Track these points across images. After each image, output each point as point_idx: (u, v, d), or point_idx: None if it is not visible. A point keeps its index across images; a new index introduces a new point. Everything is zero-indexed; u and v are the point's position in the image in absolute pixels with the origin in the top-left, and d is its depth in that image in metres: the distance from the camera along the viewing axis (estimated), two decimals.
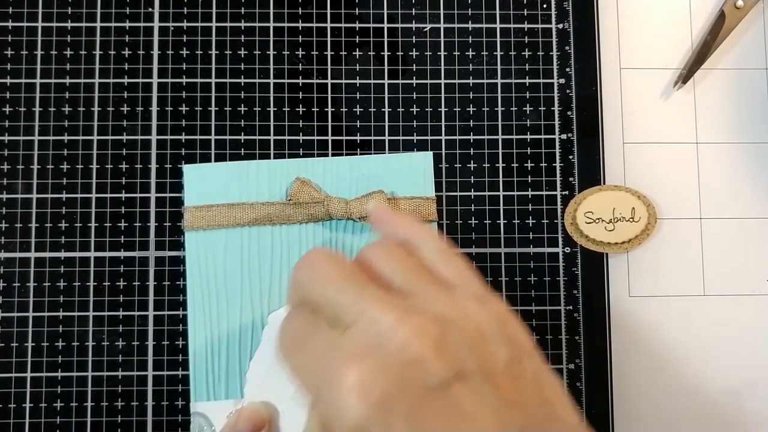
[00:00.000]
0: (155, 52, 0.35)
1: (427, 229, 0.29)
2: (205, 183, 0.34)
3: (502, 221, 0.35)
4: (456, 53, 0.36)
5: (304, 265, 0.25)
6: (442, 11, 0.36)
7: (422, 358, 0.22)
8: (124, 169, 0.34)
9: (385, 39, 0.36)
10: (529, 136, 0.35)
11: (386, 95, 0.35)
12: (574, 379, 0.34)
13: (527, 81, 0.35)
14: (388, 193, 0.34)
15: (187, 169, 0.34)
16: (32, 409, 0.33)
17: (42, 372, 0.33)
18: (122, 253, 0.34)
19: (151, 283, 0.34)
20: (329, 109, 0.35)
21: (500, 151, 0.35)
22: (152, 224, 0.34)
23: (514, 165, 0.35)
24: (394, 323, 0.22)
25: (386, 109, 0.35)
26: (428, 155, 0.35)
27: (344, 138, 0.35)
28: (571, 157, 0.35)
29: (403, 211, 0.34)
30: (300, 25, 0.36)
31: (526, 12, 0.36)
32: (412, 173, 0.34)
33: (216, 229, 0.33)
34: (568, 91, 0.35)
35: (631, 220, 0.34)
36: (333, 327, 0.23)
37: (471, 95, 0.35)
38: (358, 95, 0.35)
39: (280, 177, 0.34)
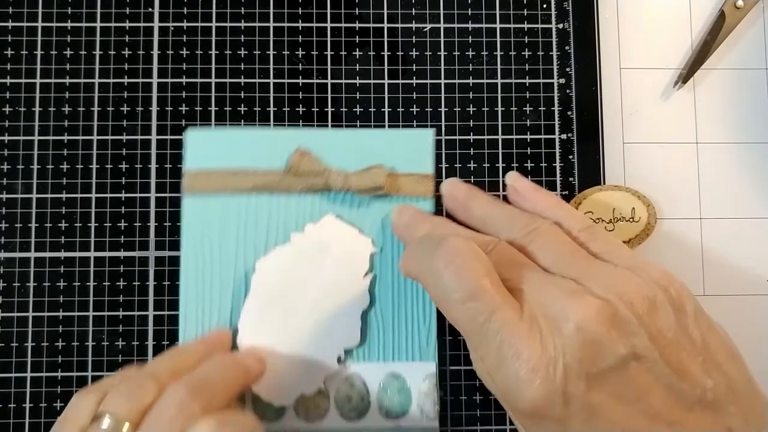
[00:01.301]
0: (155, 52, 0.35)
1: (568, 205, 0.30)
2: (206, 148, 0.34)
3: None
4: (456, 53, 0.36)
5: (450, 261, 0.24)
6: (442, 11, 0.36)
7: (599, 338, 0.22)
8: (124, 169, 0.34)
9: (385, 39, 0.36)
10: (529, 136, 0.35)
11: (386, 95, 0.35)
12: None
13: (527, 81, 0.35)
14: (388, 168, 0.34)
15: (190, 133, 0.34)
16: (32, 409, 0.33)
17: (42, 372, 0.33)
18: (122, 253, 0.34)
19: (151, 283, 0.34)
20: (329, 109, 0.35)
21: (500, 151, 0.35)
22: (152, 224, 0.34)
23: (514, 165, 0.35)
24: (566, 306, 0.23)
25: (386, 109, 0.35)
26: (429, 133, 0.35)
27: None
28: (571, 157, 0.35)
29: (542, 188, 0.32)
30: (300, 25, 0.35)
31: (526, 12, 0.36)
32: (412, 150, 0.34)
33: (214, 194, 0.33)
34: (568, 91, 0.35)
35: (631, 220, 0.34)
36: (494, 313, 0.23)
37: (471, 95, 0.35)
38: (358, 95, 0.35)
39: (281, 147, 0.34)
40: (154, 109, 0.35)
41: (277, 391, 0.32)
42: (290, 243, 0.33)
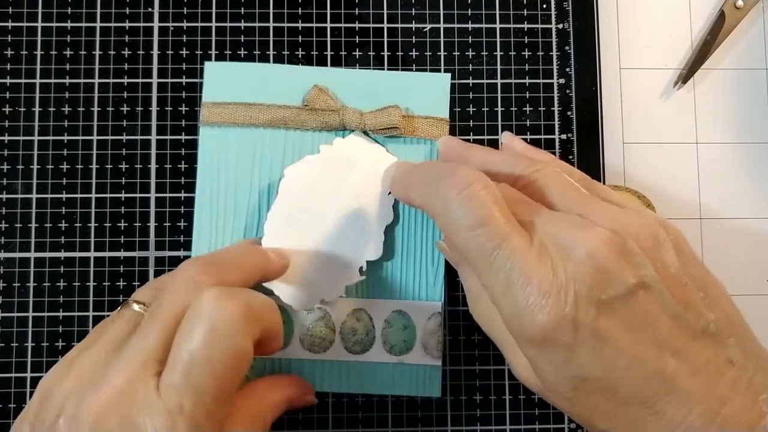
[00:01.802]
0: (155, 52, 0.35)
1: (564, 162, 0.31)
2: (224, 81, 0.34)
3: None
4: (456, 53, 0.36)
5: (460, 190, 0.24)
6: (442, 11, 0.36)
7: (609, 266, 0.23)
8: (124, 169, 0.34)
9: (385, 39, 0.36)
10: (529, 136, 0.35)
11: None
12: None
13: (527, 81, 0.35)
14: (403, 109, 0.34)
15: (208, 65, 0.34)
16: None
17: (42, 372, 0.33)
18: (122, 253, 0.34)
19: None
20: None
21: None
22: (152, 224, 0.34)
23: None
24: (576, 235, 0.23)
25: None
26: (446, 77, 0.35)
27: None
28: (571, 157, 0.35)
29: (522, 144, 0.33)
30: (300, 25, 0.35)
31: (526, 12, 0.36)
32: (428, 93, 0.34)
33: (231, 126, 0.34)
34: (568, 91, 0.35)
35: None
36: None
37: (471, 95, 0.35)
38: None
39: (299, 83, 0.34)
40: (154, 109, 0.35)
41: (298, 294, 0.32)
42: (319, 153, 0.33)
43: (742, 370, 0.23)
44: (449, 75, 0.35)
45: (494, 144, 0.35)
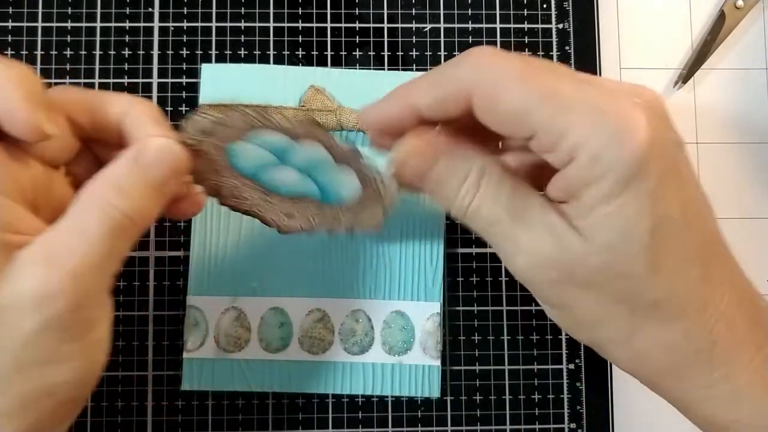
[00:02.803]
0: (155, 52, 0.35)
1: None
2: (221, 83, 0.34)
3: None
4: (456, 53, 0.35)
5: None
6: (442, 11, 0.36)
7: (666, 117, 0.24)
8: None
9: (385, 39, 0.36)
10: None
11: None
12: (574, 379, 0.34)
13: None
14: None
15: (205, 67, 0.34)
16: None
17: None
18: None
19: (151, 283, 0.34)
20: None
21: None
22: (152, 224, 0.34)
23: None
24: (634, 88, 0.24)
25: None
26: None
27: None
28: None
29: None
30: (300, 25, 0.35)
31: (526, 12, 0.36)
32: None
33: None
34: None
35: None
36: None
37: None
38: None
39: (295, 84, 0.34)
40: None
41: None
42: None
43: None
44: None
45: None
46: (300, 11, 0.36)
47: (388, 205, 0.28)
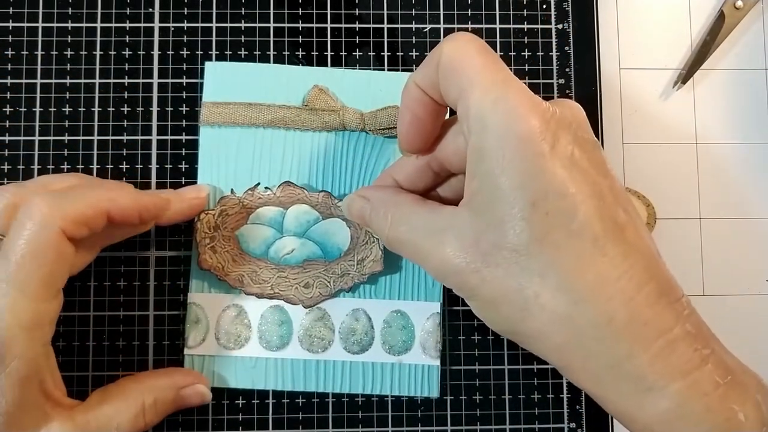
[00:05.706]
0: (155, 52, 0.35)
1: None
2: (224, 81, 0.34)
3: None
4: None
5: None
6: (442, 11, 0.36)
7: (572, 122, 0.25)
8: (124, 170, 0.34)
9: (385, 39, 0.36)
10: None
11: None
12: None
13: (527, 81, 0.35)
14: None
15: (209, 65, 0.34)
16: None
17: None
18: (122, 253, 0.34)
19: (152, 283, 0.34)
20: None
21: None
22: None
23: None
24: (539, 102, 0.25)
25: None
26: None
27: None
28: None
29: None
30: (300, 25, 0.36)
31: (526, 12, 0.36)
32: None
33: (231, 126, 0.34)
34: (567, 91, 0.36)
35: None
36: None
37: None
38: None
39: (299, 83, 0.34)
40: (154, 109, 0.35)
41: None
42: None
43: None
44: None
45: None
46: (300, 11, 0.36)
47: (379, 239, 0.31)
